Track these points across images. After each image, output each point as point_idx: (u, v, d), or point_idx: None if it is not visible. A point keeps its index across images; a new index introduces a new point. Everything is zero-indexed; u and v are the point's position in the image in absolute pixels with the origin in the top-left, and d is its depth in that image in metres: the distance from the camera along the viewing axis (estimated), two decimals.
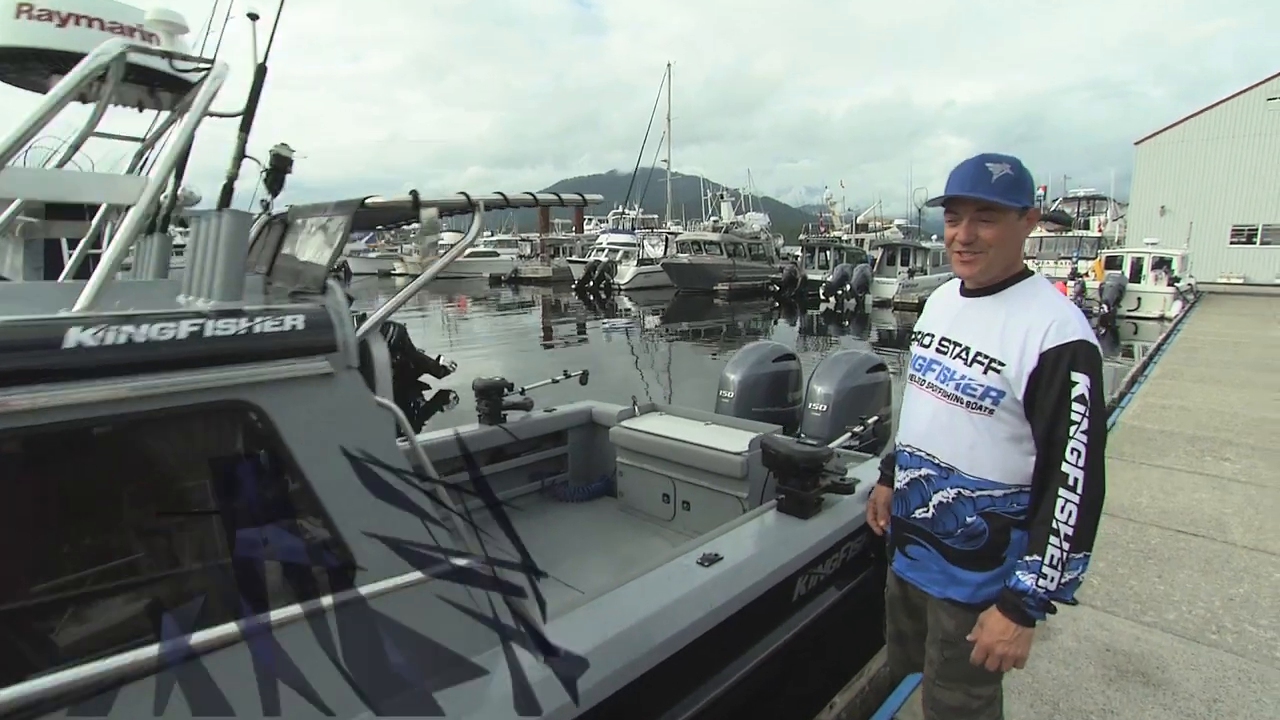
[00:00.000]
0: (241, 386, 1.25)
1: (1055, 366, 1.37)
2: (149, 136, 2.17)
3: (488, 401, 3.80)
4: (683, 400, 9.02)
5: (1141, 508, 4.24)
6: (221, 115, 1.80)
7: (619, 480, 3.79)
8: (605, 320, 21.74)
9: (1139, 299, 18.93)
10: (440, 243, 1.53)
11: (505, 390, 3.87)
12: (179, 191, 2.20)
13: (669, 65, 42.36)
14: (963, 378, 1.50)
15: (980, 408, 1.47)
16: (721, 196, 46.50)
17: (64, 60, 1.92)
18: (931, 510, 1.58)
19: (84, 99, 2.06)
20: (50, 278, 7.07)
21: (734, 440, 3.24)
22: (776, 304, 25.85)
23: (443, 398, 8.18)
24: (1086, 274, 20.68)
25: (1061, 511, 1.34)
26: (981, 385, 1.46)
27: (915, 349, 1.68)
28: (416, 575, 1.42)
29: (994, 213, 1.43)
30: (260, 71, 1.59)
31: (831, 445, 2.63)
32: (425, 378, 8.57)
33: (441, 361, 8.53)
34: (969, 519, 1.51)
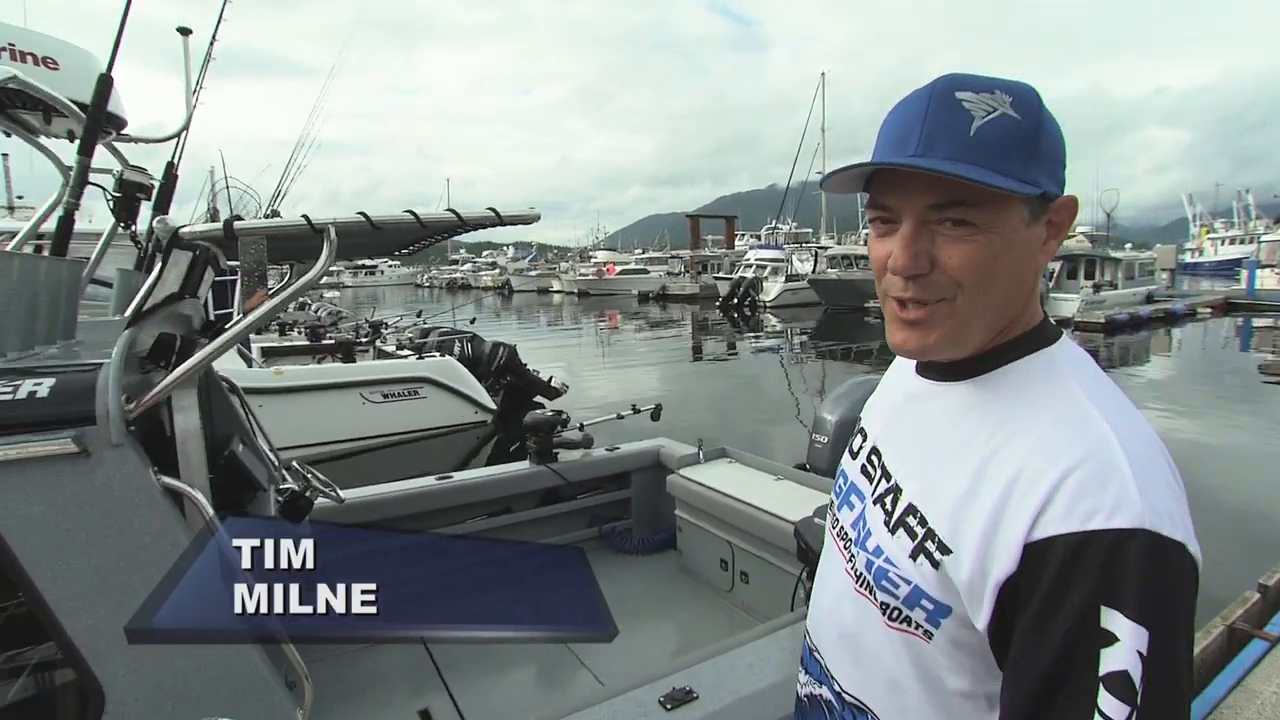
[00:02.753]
0: None
1: (1058, 588, 0.59)
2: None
3: (538, 439, 3.49)
4: (789, 439, 8.22)
5: None
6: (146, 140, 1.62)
7: (679, 535, 3.31)
8: (750, 337, 21.06)
9: None
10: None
11: (560, 427, 3.55)
12: (154, 223, 2.10)
13: (822, 75, 41.50)
14: (877, 551, 0.75)
15: (907, 621, 0.71)
16: None
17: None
18: None
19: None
20: (220, 306, 7.89)
21: (798, 504, 2.64)
22: None
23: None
24: None
25: None
26: (906, 580, 0.71)
27: (845, 455, 0.92)
28: None
29: (972, 208, 0.66)
30: (102, 82, 1.34)
31: None
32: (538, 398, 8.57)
33: (553, 383, 8.46)
34: None
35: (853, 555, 0.80)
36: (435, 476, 3.22)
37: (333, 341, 8.92)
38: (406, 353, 8.45)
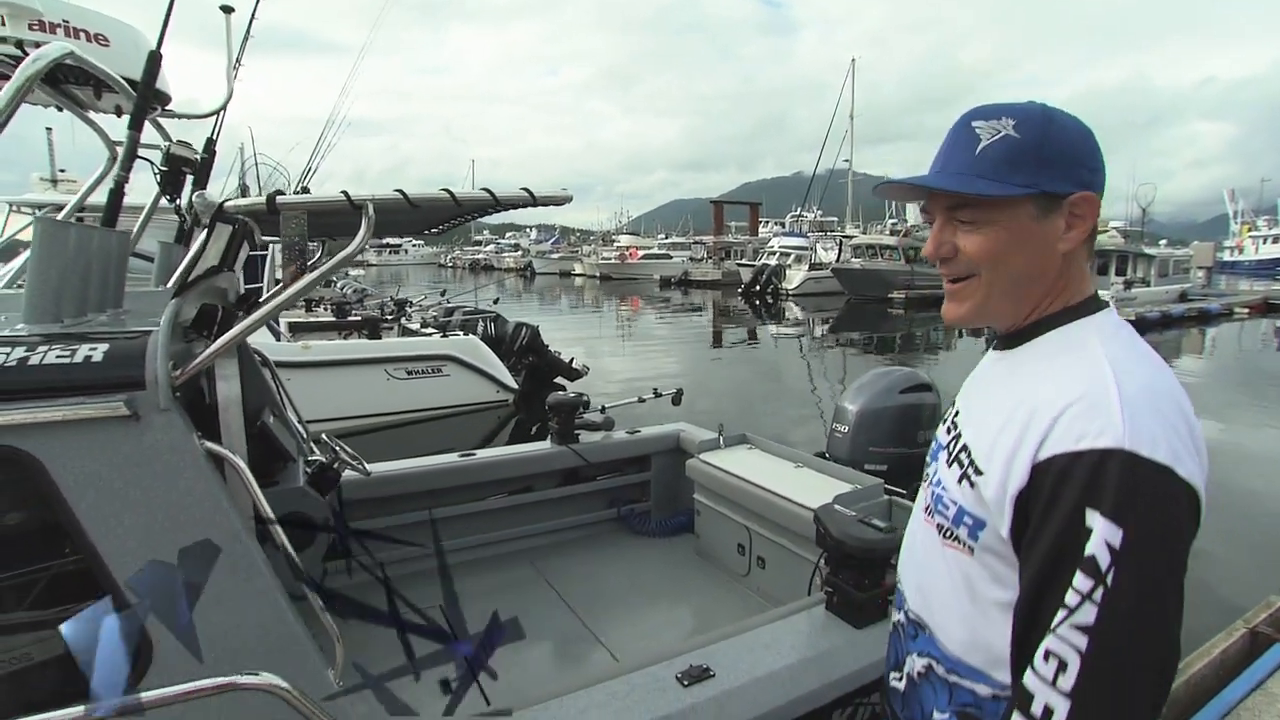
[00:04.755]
0: (9, 430, 1.03)
1: (1054, 495, 0.74)
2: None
3: (560, 420, 3.53)
4: (810, 428, 8.20)
5: None
6: (187, 116, 1.65)
7: (697, 519, 3.33)
8: (770, 325, 20.96)
9: None
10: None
11: (581, 409, 3.59)
12: (193, 197, 2.15)
13: (853, 61, 40.88)
14: (939, 482, 0.94)
15: (955, 539, 0.88)
16: None
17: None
18: (904, 679, 1.01)
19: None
20: (249, 282, 8.00)
21: (817, 492, 2.64)
22: None
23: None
24: None
25: None
26: (954, 503, 0.89)
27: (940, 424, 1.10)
28: (232, 678, 1.11)
29: (976, 208, 0.86)
30: (152, 59, 1.38)
31: None
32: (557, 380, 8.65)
33: (574, 364, 8.53)
34: (939, 716, 0.92)
35: (930, 491, 0.97)
36: (459, 453, 3.28)
37: (358, 318, 9.07)
38: (430, 331, 8.58)
